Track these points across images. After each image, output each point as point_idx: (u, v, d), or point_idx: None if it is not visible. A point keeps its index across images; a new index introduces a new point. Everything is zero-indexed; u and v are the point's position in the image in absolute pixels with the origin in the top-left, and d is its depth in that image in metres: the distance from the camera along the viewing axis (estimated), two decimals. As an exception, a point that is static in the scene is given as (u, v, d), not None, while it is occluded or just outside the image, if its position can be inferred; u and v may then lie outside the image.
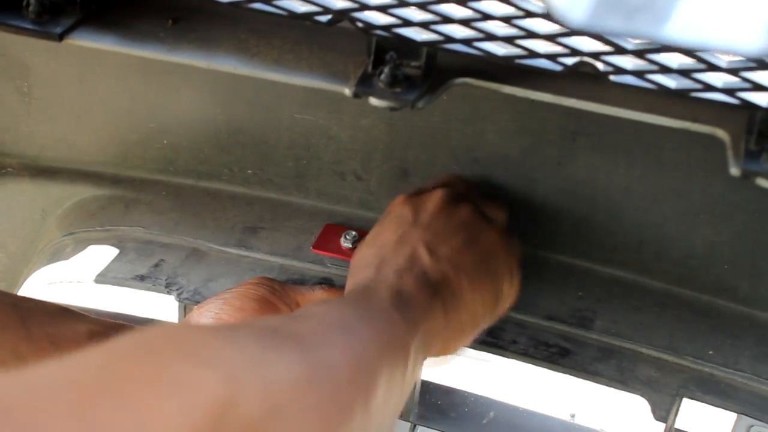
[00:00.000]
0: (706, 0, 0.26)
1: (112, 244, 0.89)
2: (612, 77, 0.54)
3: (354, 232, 0.88)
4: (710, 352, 0.78)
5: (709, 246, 0.80)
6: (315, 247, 0.89)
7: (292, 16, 0.57)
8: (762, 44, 0.27)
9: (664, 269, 0.83)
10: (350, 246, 0.87)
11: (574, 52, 0.54)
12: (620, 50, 0.52)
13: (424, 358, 0.67)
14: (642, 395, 0.77)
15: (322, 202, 0.93)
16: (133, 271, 0.86)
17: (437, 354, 0.70)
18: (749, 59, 0.47)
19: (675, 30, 0.27)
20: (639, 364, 0.79)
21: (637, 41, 0.49)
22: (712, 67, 0.51)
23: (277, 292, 0.79)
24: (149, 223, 0.92)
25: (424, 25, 0.55)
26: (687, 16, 0.27)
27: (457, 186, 0.78)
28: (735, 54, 0.37)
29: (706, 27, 0.27)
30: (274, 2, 0.57)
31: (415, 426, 0.87)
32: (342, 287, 0.82)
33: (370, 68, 0.58)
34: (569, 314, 0.82)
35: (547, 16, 0.51)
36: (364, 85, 0.58)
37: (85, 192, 0.95)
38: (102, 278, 0.86)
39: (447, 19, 0.54)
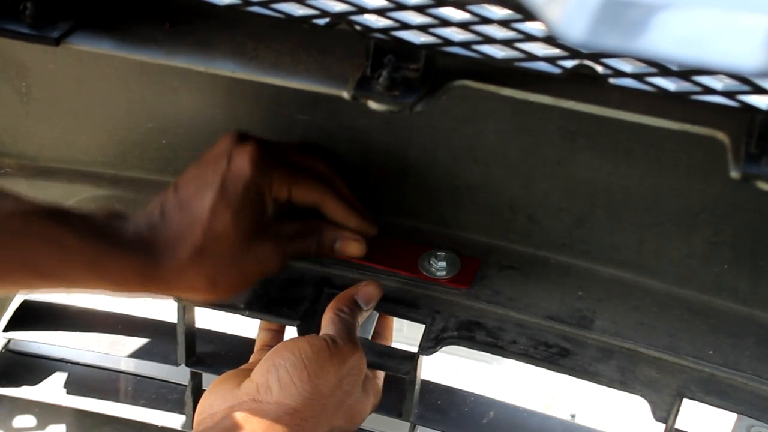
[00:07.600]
0: (703, 19, 0.26)
1: (112, 245, 0.89)
2: (611, 80, 0.54)
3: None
4: (710, 352, 0.78)
5: (709, 246, 0.80)
6: (314, 247, 0.88)
7: (290, 19, 0.57)
8: (760, 62, 0.27)
9: (664, 269, 0.83)
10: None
11: (573, 54, 0.54)
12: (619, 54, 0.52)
13: None
14: (642, 395, 0.77)
15: (322, 202, 0.92)
16: (132, 272, 0.85)
17: None
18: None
19: (673, 49, 0.27)
20: (639, 364, 0.79)
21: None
22: (712, 70, 0.51)
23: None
24: (148, 223, 0.91)
25: (423, 28, 0.55)
26: (685, 35, 0.27)
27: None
28: (734, 72, 0.37)
29: (704, 46, 0.26)
30: (272, 5, 0.57)
31: (415, 426, 0.86)
32: (342, 287, 0.81)
33: (368, 71, 0.58)
34: (569, 314, 0.82)
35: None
36: (363, 88, 0.57)
37: (83, 192, 0.95)
38: (101, 279, 0.85)
39: (445, 22, 0.54)
